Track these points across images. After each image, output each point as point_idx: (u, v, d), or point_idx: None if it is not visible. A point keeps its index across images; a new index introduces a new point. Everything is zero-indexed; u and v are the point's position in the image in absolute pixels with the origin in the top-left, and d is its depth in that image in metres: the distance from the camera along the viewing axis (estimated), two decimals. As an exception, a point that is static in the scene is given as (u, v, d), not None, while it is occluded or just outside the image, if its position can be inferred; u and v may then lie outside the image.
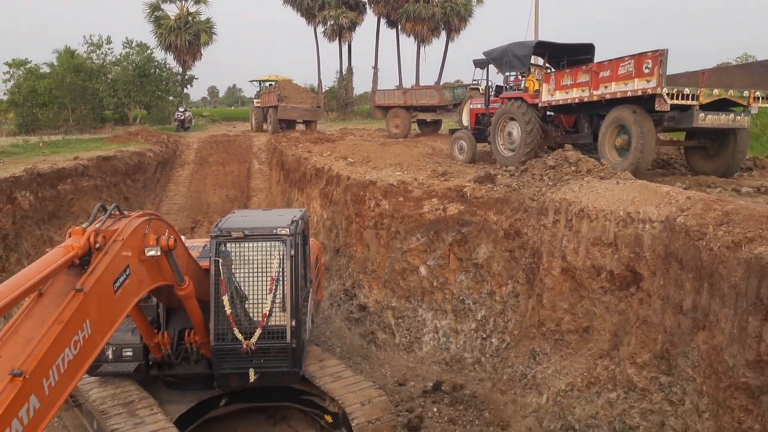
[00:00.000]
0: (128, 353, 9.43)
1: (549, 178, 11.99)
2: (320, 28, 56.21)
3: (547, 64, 17.36)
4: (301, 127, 36.17)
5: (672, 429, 8.02)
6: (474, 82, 23.92)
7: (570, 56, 16.41)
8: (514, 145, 15.86)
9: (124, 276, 6.18)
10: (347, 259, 15.43)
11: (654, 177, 12.76)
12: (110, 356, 9.37)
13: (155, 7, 51.08)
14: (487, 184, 12.97)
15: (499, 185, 12.75)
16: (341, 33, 55.59)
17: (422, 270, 13.36)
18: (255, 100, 42.31)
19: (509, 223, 12.00)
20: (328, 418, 9.98)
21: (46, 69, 45.83)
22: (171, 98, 50.47)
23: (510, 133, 16.03)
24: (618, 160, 12.72)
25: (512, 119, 15.89)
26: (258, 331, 9.17)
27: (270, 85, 40.43)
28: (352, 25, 55.38)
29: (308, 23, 56.76)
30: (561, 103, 14.59)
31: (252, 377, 9.34)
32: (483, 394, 11.32)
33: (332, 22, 54.81)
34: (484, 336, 12.09)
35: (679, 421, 7.97)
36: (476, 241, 12.60)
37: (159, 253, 6.90)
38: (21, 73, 44.80)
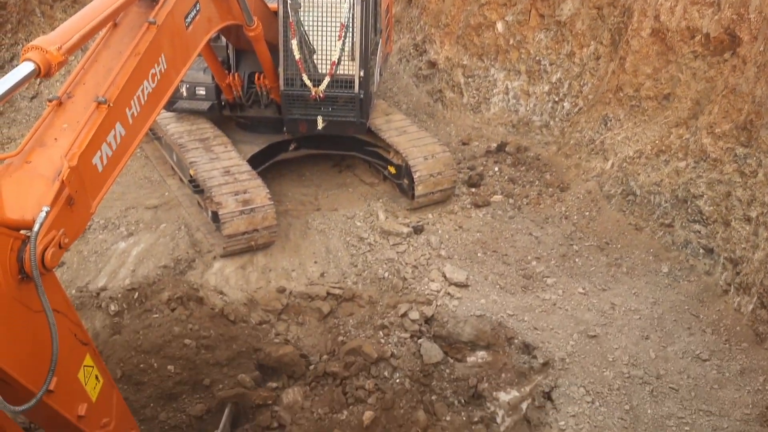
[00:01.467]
0: (201, 92, 9.72)
1: (656, -77, 10.46)
2: None
3: None
4: None
5: (737, 199, 7.96)
6: None
7: None
8: None
9: (195, 11, 6.09)
10: (419, 11, 14.60)
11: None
12: (184, 94, 9.69)
13: None
14: (582, -71, 11.49)
15: (596, -70, 11.28)
16: None
17: (499, 26, 12.57)
18: None
19: (602, -23, 10.86)
20: (392, 170, 10.36)
21: None
22: None
23: None
24: None
25: None
26: (326, 79, 9.17)
27: None
28: None
29: None
30: None
31: (320, 124, 9.58)
32: (546, 157, 11.35)
33: None
34: (557, 99, 11.73)
35: (746, 192, 7.86)
36: (562, -4, 11.57)
37: None
38: None
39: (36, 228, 3.23)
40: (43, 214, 3.29)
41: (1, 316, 3.08)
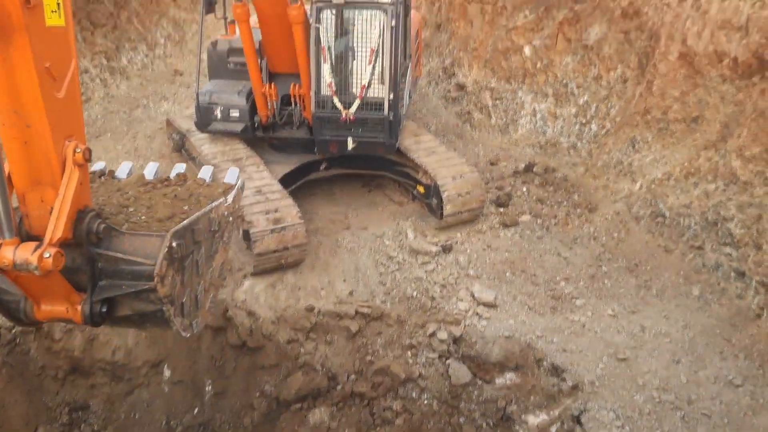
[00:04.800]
0: (235, 114, 9.98)
1: (684, -52, 10.55)
2: None
3: None
4: None
5: (769, 222, 7.90)
6: None
7: None
8: None
9: None
10: (448, 36, 14.87)
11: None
12: (218, 116, 9.96)
13: None
14: (609, -45, 11.62)
15: (623, -44, 11.40)
16: None
17: (526, 50, 12.72)
18: None
19: (628, 2, 10.93)
20: (421, 189, 10.49)
21: None
22: None
23: None
24: None
25: None
26: (357, 102, 9.37)
27: None
28: None
29: None
30: None
31: (350, 145, 9.77)
32: (574, 178, 11.38)
33: None
34: (584, 121, 11.78)
35: (778, 216, 7.81)
36: (589, 21, 11.67)
37: None
38: None
39: None
40: None
41: None
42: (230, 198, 5.54)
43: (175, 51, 17.47)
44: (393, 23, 9.04)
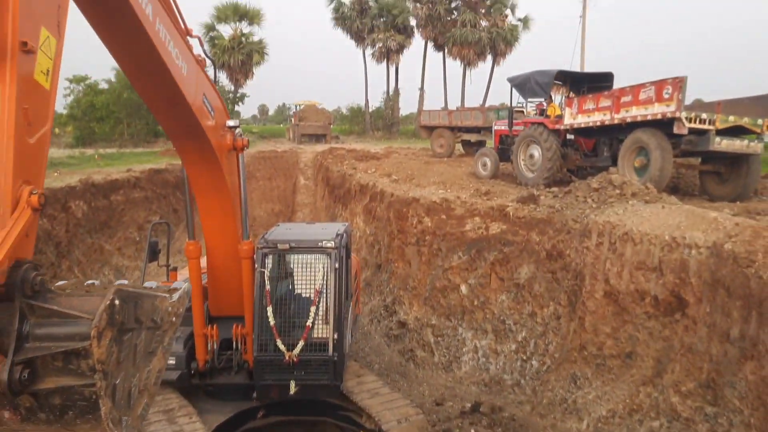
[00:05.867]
0: (171, 361, 9.66)
1: (593, 200, 11.89)
2: (369, 51, 57.69)
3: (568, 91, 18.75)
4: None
5: (717, 461, 7.79)
6: (519, 104, 24.16)
7: (590, 84, 17.77)
8: (536, 167, 16.82)
9: None
10: (388, 275, 15.50)
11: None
12: (156, 362, 9.62)
13: (210, 28, 52.31)
14: (529, 205, 12.92)
15: (541, 206, 12.69)
16: (389, 55, 56.79)
17: (463, 288, 13.32)
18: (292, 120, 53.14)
19: (552, 244, 11.90)
20: (365, 436, 10.01)
21: (104, 85, 46.94)
22: (222, 115, 51.49)
23: (532, 155, 17.01)
24: (636, 180, 13.08)
25: (534, 142, 16.85)
26: (300, 343, 9.31)
27: (297, 107, 52.51)
28: (400, 48, 56.44)
29: (357, 46, 58.57)
30: (582, 126, 15.33)
31: (292, 389, 9.47)
32: (522, 417, 11.16)
33: (380, 45, 56.05)
34: (525, 358, 11.95)
35: (724, 453, 7.73)
36: (518, 261, 12.52)
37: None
38: (81, 88, 46.15)
39: None
40: None
41: None
42: (175, 297, 5.12)
43: (114, 297, 17.40)
44: (336, 265, 9.41)
